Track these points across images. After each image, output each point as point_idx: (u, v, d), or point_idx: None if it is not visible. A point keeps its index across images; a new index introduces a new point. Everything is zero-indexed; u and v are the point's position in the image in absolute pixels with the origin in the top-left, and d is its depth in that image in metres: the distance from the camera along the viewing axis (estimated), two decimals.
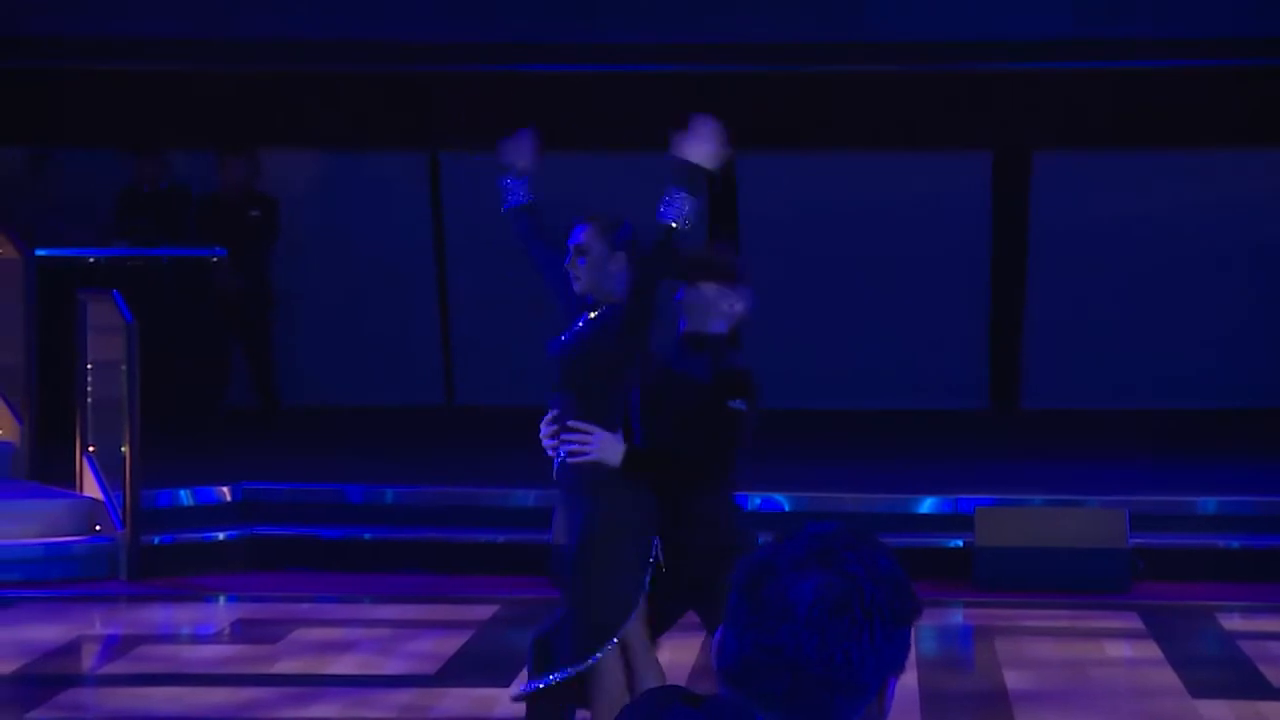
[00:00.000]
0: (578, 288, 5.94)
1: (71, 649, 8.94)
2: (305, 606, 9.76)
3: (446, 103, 14.48)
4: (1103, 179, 14.30)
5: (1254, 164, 14.19)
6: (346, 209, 14.51)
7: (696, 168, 5.83)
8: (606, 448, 5.82)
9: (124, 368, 10.47)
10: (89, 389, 11.02)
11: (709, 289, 5.99)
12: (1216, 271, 14.15)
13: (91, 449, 10.90)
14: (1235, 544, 10.43)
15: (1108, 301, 14.24)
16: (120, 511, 10.33)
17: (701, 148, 5.83)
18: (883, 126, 14.28)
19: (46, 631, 9.09)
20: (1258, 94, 13.96)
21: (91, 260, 13.26)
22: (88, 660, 8.95)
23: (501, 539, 10.51)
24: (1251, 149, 14.15)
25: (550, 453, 5.95)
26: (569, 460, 5.90)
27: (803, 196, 14.32)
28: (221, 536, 10.66)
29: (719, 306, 6.00)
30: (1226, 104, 14.03)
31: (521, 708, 6.03)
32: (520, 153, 6.50)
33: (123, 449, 10.34)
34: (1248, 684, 8.15)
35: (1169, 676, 8.21)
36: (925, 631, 8.98)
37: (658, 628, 6.06)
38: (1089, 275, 14.24)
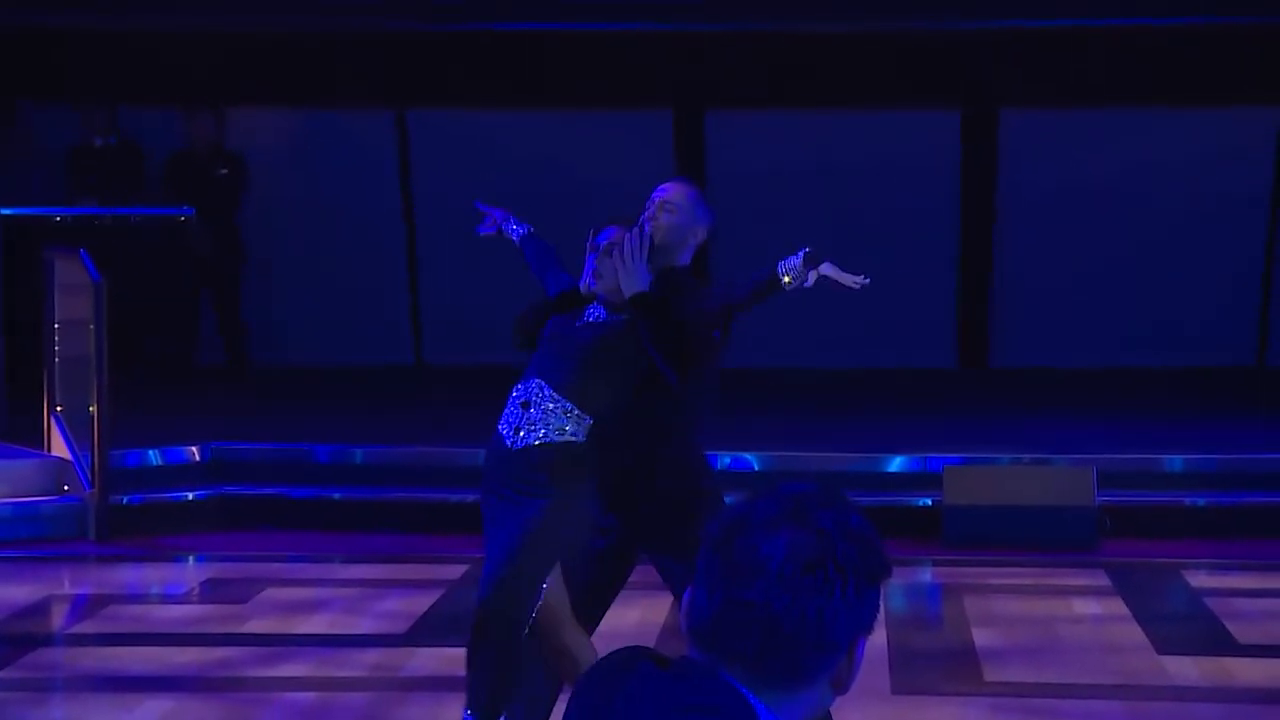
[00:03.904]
0: (596, 285, 5.91)
1: (40, 609, 8.92)
2: (275, 566, 9.76)
3: (415, 60, 14.43)
4: (1072, 137, 14.32)
5: (1223, 121, 14.22)
6: (315, 167, 14.47)
7: (811, 269, 5.88)
8: (634, 275, 5.75)
9: (91, 327, 10.42)
10: (56, 348, 10.98)
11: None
12: (1185, 230, 14.19)
13: (59, 408, 10.87)
14: (1202, 501, 10.49)
15: (1076, 260, 14.27)
16: (88, 471, 10.30)
17: (827, 271, 5.90)
18: (852, 84, 14.28)
19: (15, 591, 9.08)
20: (1228, 51, 13.98)
21: (58, 219, 13.21)
22: (57, 620, 8.94)
23: (471, 498, 10.39)
24: (1220, 106, 14.18)
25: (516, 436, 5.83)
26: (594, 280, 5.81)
27: (771, 154, 14.31)
28: (190, 496, 10.65)
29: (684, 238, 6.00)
30: (1196, 61, 14.05)
31: None
32: (492, 224, 6.42)
33: (91, 408, 10.30)
34: (1214, 640, 8.19)
35: (1136, 633, 8.25)
36: (894, 589, 9.01)
37: (611, 586, 6.01)
38: (1057, 234, 14.27)
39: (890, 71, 14.21)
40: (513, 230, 6.50)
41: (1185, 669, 7.73)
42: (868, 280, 6.01)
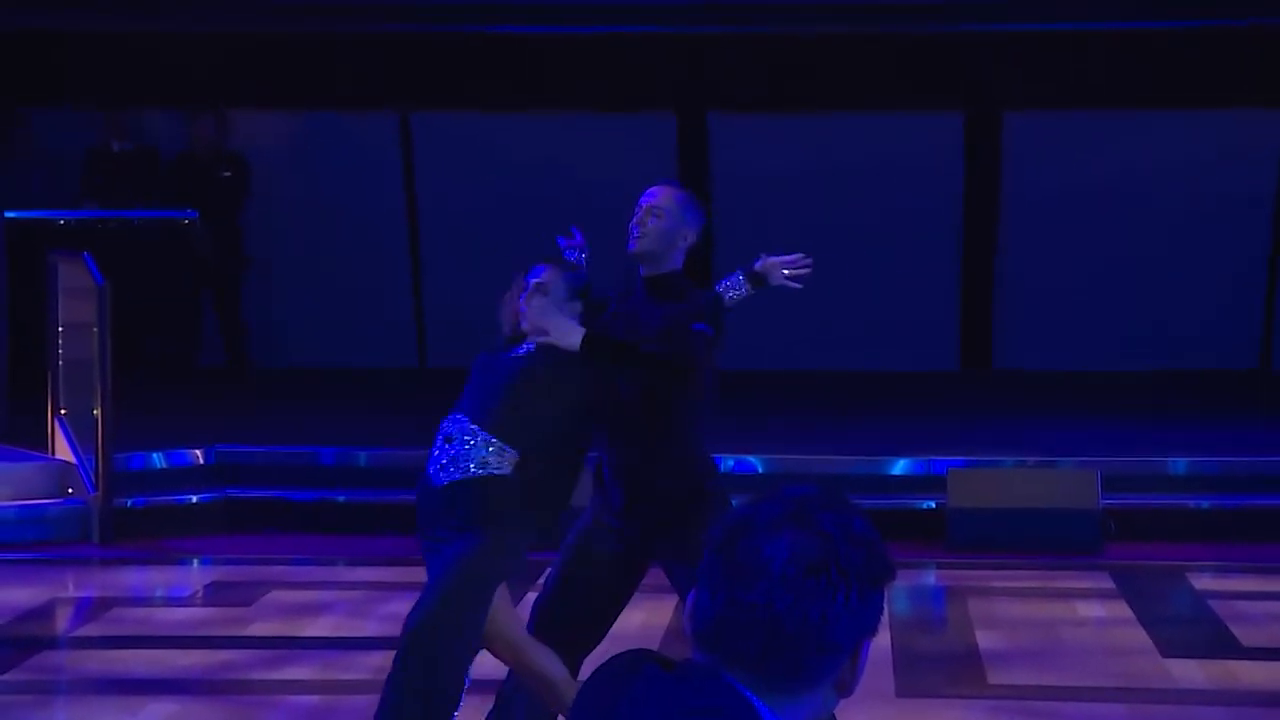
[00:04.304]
0: (525, 325, 5.87)
1: (44, 612, 8.93)
2: (279, 569, 9.76)
3: (419, 63, 14.44)
4: (1074, 139, 14.32)
5: (1226, 123, 14.22)
6: (318, 170, 14.48)
7: (765, 281, 5.86)
8: (563, 328, 5.70)
9: (95, 330, 10.43)
10: (60, 351, 10.99)
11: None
12: (1188, 233, 14.19)
13: (63, 411, 10.87)
14: (1205, 504, 10.48)
15: (1079, 262, 14.27)
16: (92, 474, 10.31)
17: (780, 274, 5.85)
18: (855, 88, 14.28)
19: (19, 594, 9.08)
20: (1230, 53, 13.98)
21: (62, 222, 13.22)
22: (61, 623, 8.95)
23: None
24: (1223, 108, 14.18)
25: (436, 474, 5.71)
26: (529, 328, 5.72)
27: (775, 158, 14.31)
28: (194, 499, 10.65)
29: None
30: (1198, 63, 14.05)
31: (496, 666, 6.01)
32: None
33: (95, 411, 10.31)
34: (1218, 643, 8.19)
35: (1140, 636, 8.25)
36: (898, 592, 9.01)
37: (620, 597, 5.97)
38: (1060, 236, 14.27)
39: (893, 74, 14.22)
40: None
41: (1189, 672, 7.73)
42: (809, 259, 5.98)
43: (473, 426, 5.70)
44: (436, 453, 5.74)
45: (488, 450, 5.66)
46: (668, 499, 5.80)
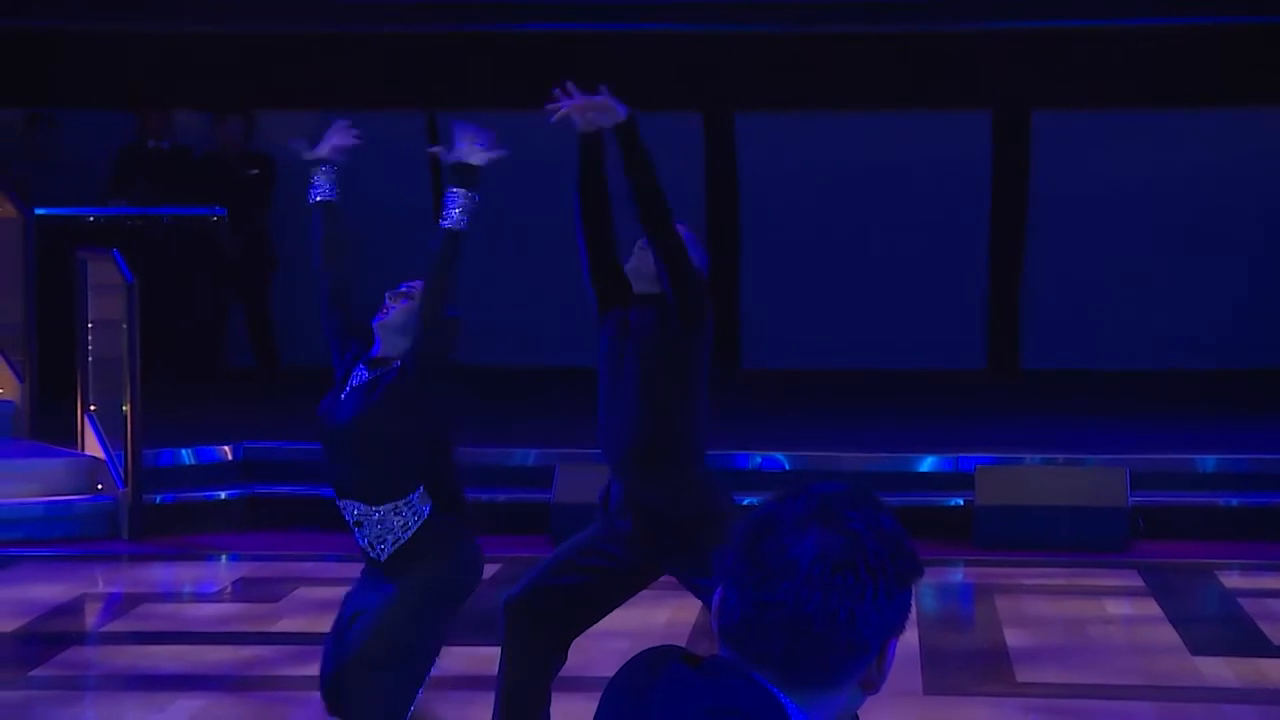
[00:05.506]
0: (384, 318, 5.87)
1: (73, 608, 8.96)
2: (306, 565, 9.78)
3: (444, 62, 14.45)
4: (1103, 138, 14.28)
5: (1256, 123, 14.16)
6: (344, 169, 14.47)
7: (471, 166, 5.80)
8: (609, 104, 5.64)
9: (124, 327, 10.47)
10: (89, 348, 11.02)
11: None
12: (1215, 231, 14.14)
13: (92, 408, 10.91)
14: (1235, 502, 10.45)
15: (1107, 262, 14.23)
16: (121, 470, 10.35)
17: (474, 148, 5.79)
18: (883, 86, 14.25)
19: (48, 590, 9.12)
20: (1263, 51, 13.93)
21: (91, 219, 13.26)
22: (90, 619, 8.98)
23: (501, 498, 10.52)
24: (1254, 108, 14.12)
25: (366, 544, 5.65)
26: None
27: (803, 157, 14.29)
28: (223, 495, 10.68)
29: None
30: (1228, 62, 14.00)
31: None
32: (329, 142, 6.19)
33: (124, 408, 10.35)
34: (1248, 641, 8.17)
35: (1169, 634, 8.23)
36: (926, 590, 8.99)
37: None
38: (1089, 235, 14.23)
39: (921, 73, 14.19)
40: (318, 188, 6.29)
41: (1219, 670, 7.70)
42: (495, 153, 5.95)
43: (366, 508, 5.59)
44: (359, 537, 5.66)
45: (398, 515, 5.58)
46: (677, 524, 5.79)
